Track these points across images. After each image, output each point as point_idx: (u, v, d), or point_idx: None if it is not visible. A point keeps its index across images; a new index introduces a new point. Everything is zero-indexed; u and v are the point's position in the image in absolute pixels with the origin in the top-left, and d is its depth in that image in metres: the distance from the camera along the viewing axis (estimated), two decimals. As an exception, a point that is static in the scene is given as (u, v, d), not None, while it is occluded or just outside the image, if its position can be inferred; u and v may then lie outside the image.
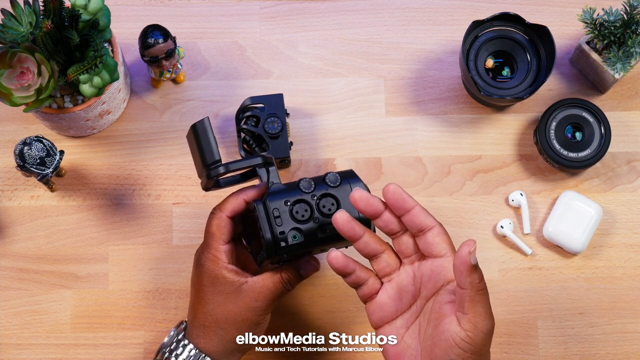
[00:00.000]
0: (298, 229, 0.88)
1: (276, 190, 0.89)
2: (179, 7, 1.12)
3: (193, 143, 0.90)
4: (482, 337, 0.75)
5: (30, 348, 1.03)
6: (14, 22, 0.94)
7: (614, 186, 1.08)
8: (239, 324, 0.89)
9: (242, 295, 0.88)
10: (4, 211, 1.06)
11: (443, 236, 0.79)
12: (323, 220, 0.88)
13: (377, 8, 1.13)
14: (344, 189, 0.90)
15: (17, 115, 1.08)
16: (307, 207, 0.88)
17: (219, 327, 0.89)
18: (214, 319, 0.89)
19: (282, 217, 0.87)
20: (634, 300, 1.05)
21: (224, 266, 0.89)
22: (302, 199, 0.88)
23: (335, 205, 0.89)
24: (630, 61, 1.02)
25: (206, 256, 0.90)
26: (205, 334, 0.90)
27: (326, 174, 0.90)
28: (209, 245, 0.90)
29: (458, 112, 1.10)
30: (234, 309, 0.88)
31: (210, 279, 0.89)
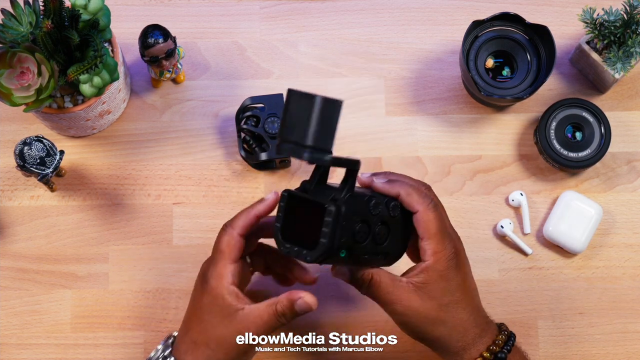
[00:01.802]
0: (350, 248, 0.84)
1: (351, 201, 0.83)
2: (179, 7, 1.12)
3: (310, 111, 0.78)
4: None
5: (30, 348, 1.03)
6: (14, 22, 0.94)
7: (614, 186, 1.08)
8: (229, 348, 0.87)
9: (235, 321, 0.87)
10: (4, 211, 1.06)
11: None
12: (371, 247, 0.86)
13: (377, 8, 1.13)
14: (397, 221, 0.87)
15: (17, 115, 1.08)
16: (367, 230, 0.85)
17: (208, 347, 0.88)
18: (205, 338, 0.88)
19: (345, 231, 0.83)
20: (634, 300, 1.05)
21: (226, 287, 0.87)
22: (367, 220, 0.85)
23: (386, 236, 0.87)
24: (630, 61, 1.02)
25: (211, 273, 0.88)
26: (193, 350, 0.88)
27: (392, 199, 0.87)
28: (216, 263, 0.88)
29: (458, 112, 1.10)
30: (225, 333, 0.87)
31: (210, 297, 0.88)
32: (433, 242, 0.85)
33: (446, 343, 0.88)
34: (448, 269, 0.85)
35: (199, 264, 1.05)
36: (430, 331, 0.88)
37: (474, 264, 1.04)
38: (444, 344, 0.88)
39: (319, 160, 0.78)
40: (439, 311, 0.86)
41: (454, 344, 0.87)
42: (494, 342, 0.87)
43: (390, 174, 0.90)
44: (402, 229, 0.88)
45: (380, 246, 0.87)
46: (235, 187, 1.07)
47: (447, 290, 0.86)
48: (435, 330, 0.87)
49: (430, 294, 0.85)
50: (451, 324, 0.87)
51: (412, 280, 0.86)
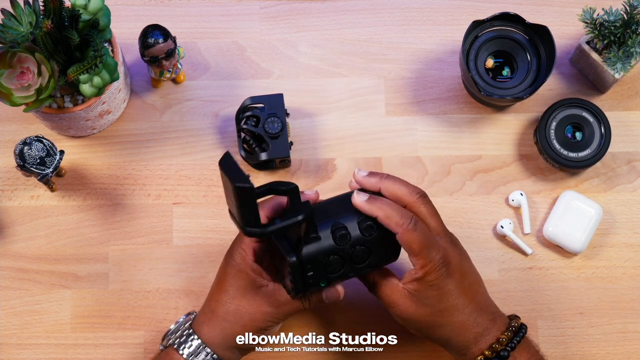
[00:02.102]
0: (328, 278, 0.88)
1: (311, 244, 0.86)
2: (179, 7, 1.12)
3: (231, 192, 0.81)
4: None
5: (30, 348, 1.03)
6: (14, 22, 0.94)
7: (614, 186, 1.08)
8: (245, 322, 0.89)
9: (257, 297, 0.89)
10: (4, 211, 1.06)
11: None
12: (352, 268, 0.88)
13: (377, 8, 1.13)
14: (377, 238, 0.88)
15: (17, 115, 1.08)
16: (340, 260, 0.87)
17: (225, 318, 0.89)
18: (224, 309, 0.89)
19: (315, 273, 0.87)
20: (634, 300, 1.05)
21: (250, 263, 0.89)
22: (336, 252, 0.87)
23: (367, 254, 0.88)
24: (630, 61, 1.02)
25: (237, 250, 0.90)
26: (210, 320, 0.90)
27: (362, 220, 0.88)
28: (241, 241, 0.90)
29: (458, 112, 1.10)
30: (246, 306, 0.89)
31: (235, 271, 0.90)
32: (419, 259, 0.86)
33: (448, 343, 0.90)
34: (438, 279, 0.86)
35: (199, 264, 1.05)
36: (429, 334, 0.90)
37: (474, 263, 1.04)
38: (445, 343, 0.90)
39: (256, 234, 0.83)
40: (434, 317, 0.88)
41: (456, 344, 0.89)
42: (497, 339, 0.88)
43: (385, 179, 0.91)
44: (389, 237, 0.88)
45: (362, 264, 0.89)
46: None
47: (440, 298, 0.87)
48: (434, 333, 0.89)
49: (423, 301, 0.87)
50: (449, 326, 0.88)
51: (407, 287, 0.88)
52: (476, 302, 0.89)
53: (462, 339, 0.88)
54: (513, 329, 0.89)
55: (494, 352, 0.87)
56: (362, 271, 0.89)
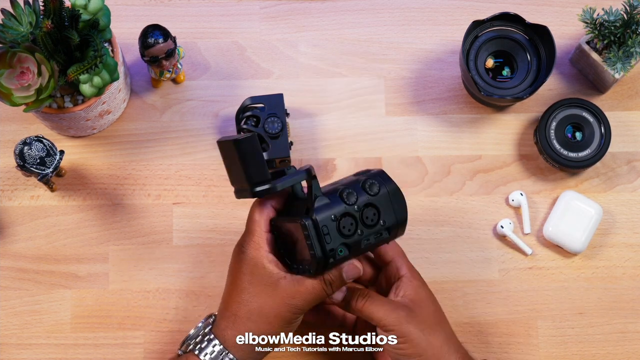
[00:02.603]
0: (345, 244, 0.87)
1: (321, 205, 0.86)
2: (179, 7, 1.12)
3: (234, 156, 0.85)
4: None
5: (30, 348, 1.03)
6: (14, 22, 0.94)
7: (614, 186, 1.08)
8: (272, 319, 0.87)
9: (279, 289, 0.86)
10: (4, 211, 1.06)
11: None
12: (366, 231, 0.88)
13: (377, 8, 1.13)
14: (382, 196, 0.88)
15: (17, 115, 1.08)
16: (352, 221, 0.87)
17: (250, 319, 0.87)
18: (247, 309, 0.87)
19: (331, 234, 0.86)
20: (634, 300, 1.05)
21: (265, 255, 0.87)
22: (347, 213, 0.87)
23: (377, 215, 0.88)
24: (630, 61, 1.02)
25: (249, 243, 0.88)
26: (234, 324, 0.88)
27: (364, 179, 0.89)
28: (252, 232, 0.88)
29: (458, 112, 1.10)
30: (269, 302, 0.86)
31: (250, 267, 0.87)
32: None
33: None
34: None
35: (199, 264, 1.05)
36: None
37: (474, 264, 1.04)
38: None
39: (264, 192, 0.84)
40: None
41: None
42: None
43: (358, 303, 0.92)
44: (392, 197, 0.88)
45: (376, 226, 0.88)
46: None
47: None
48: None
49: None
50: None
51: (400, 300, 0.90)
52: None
53: None
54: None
55: None
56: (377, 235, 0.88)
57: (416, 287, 0.90)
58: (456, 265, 1.05)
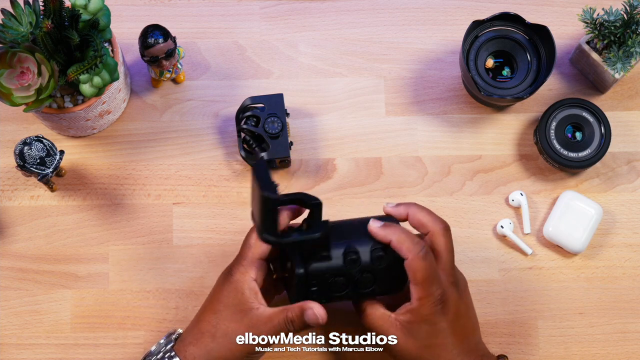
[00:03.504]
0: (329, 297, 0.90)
1: (322, 259, 0.89)
2: (179, 7, 1.12)
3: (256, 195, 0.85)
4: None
5: (30, 348, 1.03)
6: (14, 22, 0.94)
7: (614, 186, 1.08)
8: (232, 345, 0.88)
9: (248, 317, 0.88)
10: (4, 211, 1.06)
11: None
12: (355, 292, 0.90)
13: (377, 8, 1.13)
14: (386, 271, 0.90)
15: (17, 115, 1.08)
16: (345, 282, 0.89)
17: (213, 339, 0.89)
18: (213, 329, 0.89)
19: (319, 288, 0.89)
20: (634, 300, 1.05)
21: (248, 281, 0.89)
22: (343, 274, 0.89)
23: (372, 282, 0.90)
24: (630, 61, 1.02)
25: (237, 267, 0.90)
26: (198, 341, 0.89)
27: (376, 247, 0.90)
28: (243, 257, 0.90)
29: (458, 112, 1.10)
30: (234, 328, 0.88)
31: (230, 290, 0.89)
32: (419, 288, 0.87)
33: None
34: (432, 314, 0.87)
35: (199, 264, 1.05)
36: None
37: (474, 264, 1.04)
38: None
39: (271, 242, 0.86)
40: (421, 351, 0.89)
41: None
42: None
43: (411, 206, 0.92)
44: (398, 268, 0.89)
45: (366, 290, 0.91)
46: (235, 187, 1.07)
47: (430, 333, 0.88)
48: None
49: (413, 334, 0.88)
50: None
51: (399, 318, 0.89)
52: (466, 344, 0.90)
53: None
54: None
55: None
56: (363, 297, 0.91)
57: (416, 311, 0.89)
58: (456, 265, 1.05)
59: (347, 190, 1.07)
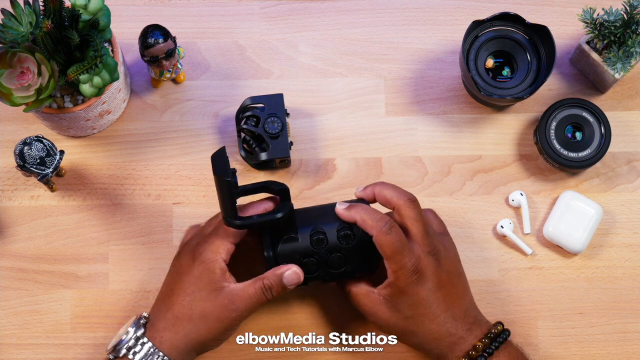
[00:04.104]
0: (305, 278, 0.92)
1: (288, 241, 0.92)
2: (179, 7, 1.12)
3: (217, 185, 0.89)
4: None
5: (30, 348, 1.03)
6: (14, 22, 0.94)
7: (614, 186, 1.08)
8: (212, 323, 0.88)
9: (221, 296, 0.88)
10: (4, 211, 1.06)
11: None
12: (328, 273, 0.92)
13: (377, 8, 1.13)
14: (354, 247, 0.92)
15: (17, 115, 1.08)
16: (315, 263, 0.92)
17: (190, 321, 0.88)
18: (189, 312, 0.88)
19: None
20: (634, 300, 1.05)
21: (219, 261, 0.89)
22: (312, 255, 0.92)
23: (343, 261, 0.92)
24: (630, 61, 1.02)
25: (208, 246, 0.90)
26: (174, 326, 0.89)
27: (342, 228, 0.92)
28: (217, 237, 0.90)
29: (458, 112, 1.10)
30: (211, 307, 0.88)
31: (201, 269, 0.89)
32: (391, 262, 0.88)
33: (423, 350, 0.92)
34: (409, 285, 0.88)
35: (199, 264, 1.05)
36: (404, 340, 0.92)
37: (474, 264, 1.04)
38: (421, 350, 0.92)
39: (233, 226, 0.89)
40: (406, 323, 0.89)
41: (430, 352, 0.91)
42: (474, 346, 0.89)
43: (377, 185, 0.94)
44: (365, 248, 0.92)
45: (340, 269, 0.92)
46: None
47: (411, 305, 0.89)
48: (408, 340, 0.91)
49: (396, 307, 0.89)
50: (421, 334, 0.90)
51: (381, 293, 0.90)
52: (453, 311, 0.90)
53: (435, 347, 0.90)
54: (492, 335, 0.90)
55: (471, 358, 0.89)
56: (338, 277, 0.93)
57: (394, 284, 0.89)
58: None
59: (347, 190, 1.07)
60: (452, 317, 0.90)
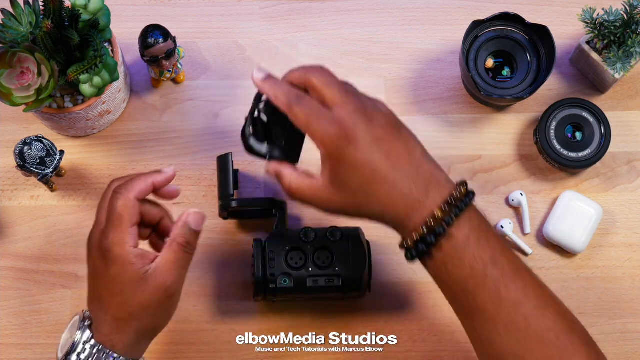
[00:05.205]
0: (288, 274, 0.94)
1: (277, 234, 0.96)
2: (179, 7, 1.12)
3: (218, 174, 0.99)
4: None
5: (30, 348, 1.03)
6: (14, 22, 0.94)
7: (614, 186, 1.08)
8: (154, 310, 0.82)
9: (150, 280, 0.81)
10: (4, 211, 1.06)
11: None
12: (315, 271, 0.94)
13: (377, 8, 1.13)
14: (341, 246, 0.95)
15: (17, 115, 1.08)
16: (302, 256, 0.94)
17: (133, 318, 0.82)
18: (129, 311, 0.82)
19: (276, 260, 0.95)
20: (634, 300, 1.05)
21: (130, 251, 0.81)
22: (299, 247, 0.94)
23: (330, 259, 0.94)
24: (630, 61, 1.02)
25: (112, 240, 0.81)
26: (119, 327, 0.82)
27: (331, 227, 0.95)
28: (114, 229, 0.81)
29: (458, 112, 1.10)
30: (146, 296, 0.81)
31: (118, 267, 0.81)
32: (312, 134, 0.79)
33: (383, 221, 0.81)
34: (340, 153, 0.78)
35: (199, 264, 1.05)
36: (364, 216, 0.81)
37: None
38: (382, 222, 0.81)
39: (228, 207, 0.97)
40: (356, 197, 0.79)
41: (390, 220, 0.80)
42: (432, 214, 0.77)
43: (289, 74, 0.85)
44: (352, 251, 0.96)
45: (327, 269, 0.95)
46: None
47: (352, 174, 0.78)
48: (366, 214, 0.80)
49: (340, 183, 0.79)
50: (375, 203, 0.79)
51: (323, 176, 0.80)
52: (400, 170, 0.78)
53: (393, 214, 0.79)
54: (452, 201, 0.77)
55: (429, 229, 0.76)
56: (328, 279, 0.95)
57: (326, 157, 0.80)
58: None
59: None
60: (403, 176, 0.78)
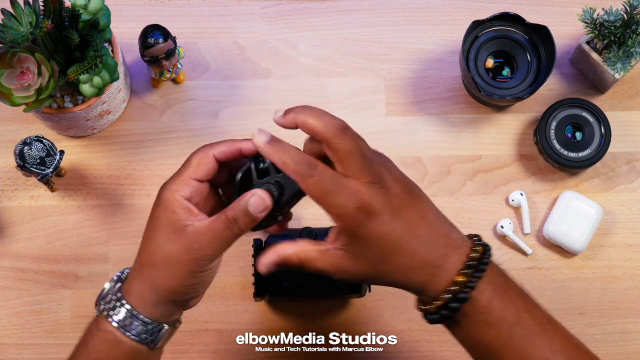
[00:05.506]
0: (288, 274, 0.91)
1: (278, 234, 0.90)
2: (179, 7, 1.12)
3: None
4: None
5: (30, 348, 1.03)
6: (14, 22, 0.94)
7: (614, 186, 1.08)
8: (175, 267, 0.78)
9: (183, 236, 0.77)
10: (4, 211, 1.06)
11: None
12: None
13: (377, 8, 1.13)
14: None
15: (17, 115, 1.08)
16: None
17: (154, 268, 0.79)
18: (152, 258, 0.79)
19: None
20: (634, 300, 1.05)
21: (179, 199, 0.78)
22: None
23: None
24: (630, 61, 1.02)
25: (168, 185, 0.80)
26: (140, 275, 0.79)
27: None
28: (177, 174, 0.80)
29: (458, 112, 1.10)
30: (173, 251, 0.78)
31: (162, 210, 0.79)
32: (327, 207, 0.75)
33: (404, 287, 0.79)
34: (358, 227, 0.75)
35: (199, 264, 1.04)
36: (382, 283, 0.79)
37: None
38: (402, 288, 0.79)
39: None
40: (375, 267, 0.77)
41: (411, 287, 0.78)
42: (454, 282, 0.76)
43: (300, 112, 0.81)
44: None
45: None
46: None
47: (370, 246, 0.76)
48: (385, 282, 0.79)
49: (358, 254, 0.76)
50: (395, 272, 0.77)
51: (336, 245, 0.77)
52: (418, 238, 0.77)
53: (414, 282, 0.77)
54: (472, 262, 0.77)
55: (453, 296, 0.75)
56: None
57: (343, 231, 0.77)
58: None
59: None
60: (422, 244, 0.77)
